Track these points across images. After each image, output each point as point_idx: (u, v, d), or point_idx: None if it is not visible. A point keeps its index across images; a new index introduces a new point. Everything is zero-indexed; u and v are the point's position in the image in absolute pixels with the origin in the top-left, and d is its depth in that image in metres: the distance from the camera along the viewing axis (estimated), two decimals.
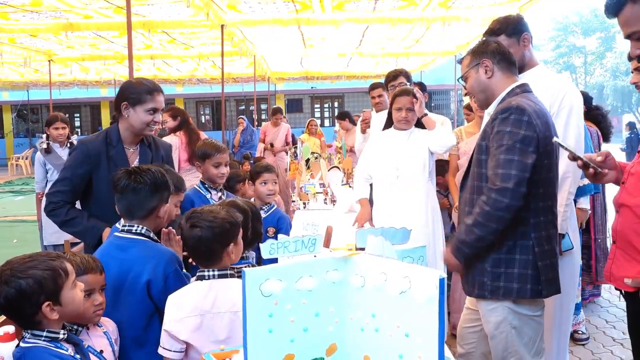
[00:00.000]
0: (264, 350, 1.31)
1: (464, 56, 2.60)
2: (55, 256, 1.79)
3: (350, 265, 1.41)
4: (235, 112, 24.76)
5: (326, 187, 5.42)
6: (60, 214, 2.76)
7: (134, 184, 2.27)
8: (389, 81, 4.69)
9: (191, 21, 7.79)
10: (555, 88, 2.76)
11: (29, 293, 1.70)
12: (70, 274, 1.80)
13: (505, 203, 2.20)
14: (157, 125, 2.86)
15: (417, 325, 1.24)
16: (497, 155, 2.25)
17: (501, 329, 2.35)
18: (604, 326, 4.54)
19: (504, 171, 2.21)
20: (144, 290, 2.20)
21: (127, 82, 2.90)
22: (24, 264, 1.73)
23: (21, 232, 8.78)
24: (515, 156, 2.21)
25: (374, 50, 11.83)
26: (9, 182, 17.05)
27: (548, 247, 2.34)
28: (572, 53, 50.38)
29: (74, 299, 1.80)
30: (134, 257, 2.24)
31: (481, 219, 2.25)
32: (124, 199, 2.30)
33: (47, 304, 1.72)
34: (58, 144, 5.29)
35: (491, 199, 2.22)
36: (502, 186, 2.20)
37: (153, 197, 2.30)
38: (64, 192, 2.77)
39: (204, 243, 2.04)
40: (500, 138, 2.25)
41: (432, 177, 3.84)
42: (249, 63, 12.53)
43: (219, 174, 3.39)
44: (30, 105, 24.33)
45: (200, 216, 2.07)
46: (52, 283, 1.72)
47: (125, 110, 2.78)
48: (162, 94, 2.84)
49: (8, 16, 7.52)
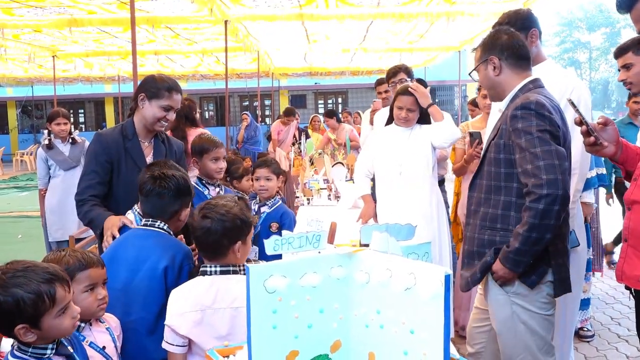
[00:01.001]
0: (268, 347, 1.31)
1: (475, 47, 2.55)
2: (50, 276, 1.63)
3: (354, 262, 1.40)
4: (239, 108, 24.75)
5: (330, 183, 5.41)
6: (80, 212, 2.79)
7: (158, 188, 2.35)
8: (390, 77, 4.67)
9: (195, 17, 7.77)
10: (563, 84, 2.73)
11: (5, 311, 1.57)
12: (59, 302, 1.63)
13: (561, 194, 2.11)
14: (168, 124, 2.89)
15: (422, 322, 1.23)
16: (532, 148, 2.16)
17: (510, 325, 2.32)
18: (609, 323, 4.53)
19: (546, 162, 2.12)
20: (162, 277, 2.23)
21: (150, 76, 2.93)
22: (14, 277, 1.60)
23: (26, 228, 8.81)
24: (552, 146, 2.15)
25: (378, 45, 11.79)
26: (13, 178, 17.10)
27: (561, 246, 2.30)
28: (577, 48, 50.21)
29: (59, 327, 1.65)
30: (154, 244, 2.30)
31: (537, 220, 2.13)
32: (148, 202, 2.39)
33: (21, 326, 1.59)
34: (60, 140, 5.29)
35: (544, 196, 2.11)
36: (550, 177, 2.11)
37: (176, 202, 2.39)
38: (92, 185, 2.79)
39: (212, 235, 2.04)
40: (529, 132, 2.18)
41: (434, 172, 3.82)
42: (252, 59, 12.51)
43: (217, 168, 3.38)
44: (35, 101, 24.35)
45: (214, 208, 2.08)
46: (32, 308, 1.58)
47: (141, 101, 2.83)
48: (180, 94, 2.88)
49: (12, 12, 7.52)
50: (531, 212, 2.15)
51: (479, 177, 2.44)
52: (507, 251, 2.22)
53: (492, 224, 2.33)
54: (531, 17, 2.87)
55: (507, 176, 2.29)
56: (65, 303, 1.66)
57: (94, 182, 2.79)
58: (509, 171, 2.29)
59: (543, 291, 2.30)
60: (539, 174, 2.13)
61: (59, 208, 5.10)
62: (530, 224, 2.15)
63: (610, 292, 5.21)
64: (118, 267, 2.24)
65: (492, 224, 2.33)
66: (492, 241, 2.32)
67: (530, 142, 2.17)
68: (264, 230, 3.58)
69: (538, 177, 2.13)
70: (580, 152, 2.69)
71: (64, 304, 1.66)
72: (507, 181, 2.29)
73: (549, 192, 2.11)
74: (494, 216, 2.33)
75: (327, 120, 8.77)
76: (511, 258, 2.21)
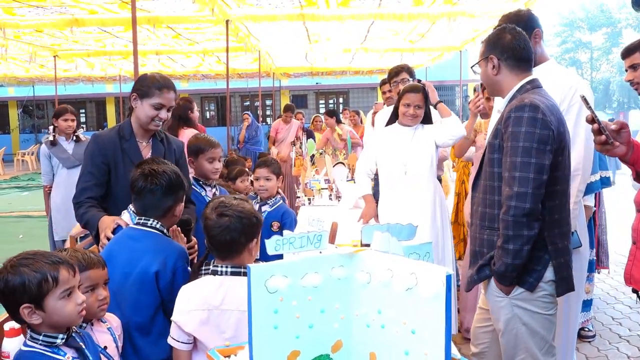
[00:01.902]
0: (269, 347, 1.30)
1: (483, 40, 2.54)
2: (56, 260, 1.72)
3: (356, 262, 1.40)
4: (240, 108, 24.77)
5: (331, 183, 5.41)
6: (77, 214, 2.77)
7: (150, 185, 2.33)
8: (392, 77, 4.67)
9: (196, 16, 7.78)
10: (566, 84, 2.72)
11: (11, 290, 1.66)
12: (63, 283, 1.70)
13: (527, 208, 2.14)
14: (163, 122, 2.85)
15: (423, 322, 1.23)
16: (513, 156, 2.19)
17: (511, 326, 2.32)
18: (610, 323, 4.53)
19: (522, 174, 2.16)
20: (153, 281, 2.23)
21: (142, 75, 2.91)
22: (24, 258, 1.70)
23: (27, 228, 8.82)
24: (532, 158, 2.15)
25: (379, 45, 11.79)
26: (15, 178, 17.12)
27: (562, 245, 2.30)
28: (578, 49, 50.16)
29: (62, 310, 1.70)
30: (146, 247, 2.28)
31: (510, 231, 2.18)
32: (140, 200, 2.37)
33: (25, 306, 1.66)
34: (64, 137, 5.26)
35: (512, 207, 2.16)
36: (520, 191, 2.15)
37: (169, 198, 2.37)
38: (88, 187, 2.76)
39: (231, 232, 2.04)
40: (516, 138, 2.19)
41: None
42: (253, 59, 12.53)
43: (213, 169, 3.33)
44: (36, 101, 24.39)
45: (230, 206, 2.07)
46: (36, 288, 1.66)
47: (134, 101, 2.81)
48: (172, 92, 2.82)
49: (13, 11, 7.53)
50: (503, 223, 2.20)
51: (480, 178, 2.46)
52: (494, 270, 2.26)
53: (490, 224, 2.34)
54: (532, 18, 2.86)
55: (501, 176, 2.29)
56: (69, 286, 1.72)
57: (90, 183, 2.76)
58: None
59: (544, 290, 2.30)
60: (512, 185, 2.17)
61: (64, 206, 5.04)
62: (505, 236, 2.19)
63: (612, 292, 5.20)
64: (112, 269, 2.22)
65: (490, 223, 2.34)
66: (490, 241, 2.33)
67: (514, 150, 2.19)
68: (265, 230, 3.57)
69: (510, 188, 2.18)
70: (582, 154, 2.68)
71: (67, 286, 1.71)
72: (501, 181, 2.29)
73: (517, 205, 2.15)
74: (491, 216, 2.33)
75: (327, 119, 8.77)
76: (499, 274, 2.25)
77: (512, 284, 2.27)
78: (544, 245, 2.25)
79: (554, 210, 2.27)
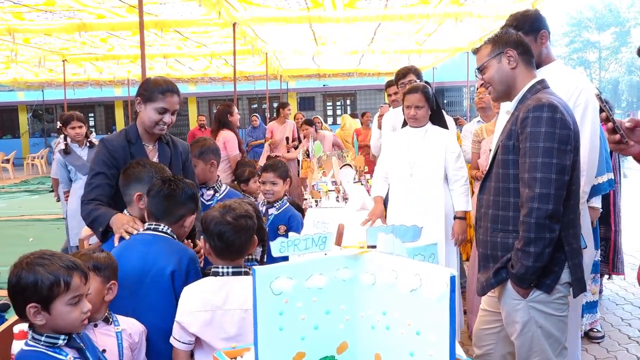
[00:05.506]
0: (274, 348, 1.31)
1: (480, 46, 2.48)
2: (72, 265, 1.74)
3: (360, 263, 1.41)
4: (248, 110, 24.81)
5: (338, 185, 5.41)
6: (83, 210, 2.74)
7: (167, 190, 2.36)
8: (399, 79, 4.67)
9: (203, 20, 7.81)
10: (572, 85, 2.69)
11: (23, 287, 1.68)
12: (74, 290, 1.72)
13: (551, 209, 2.11)
14: (167, 126, 2.84)
15: (428, 323, 1.23)
16: (534, 157, 2.15)
17: (527, 329, 2.29)
18: (619, 324, 4.50)
19: (544, 175, 2.12)
20: (169, 281, 2.24)
21: (146, 79, 2.91)
22: (41, 258, 1.72)
23: (37, 231, 8.87)
24: (554, 159, 2.12)
25: (386, 47, 11.79)
26: (25, 182, 17.22)
27: (576, 245, 2.28)
28: (587, 48, 49.91)
29: (68, 315, 1.72)
30: (159, 250, 2.29)
31: (532, 234, 2.14)
32: (155, 202, 2.38)
33: (32, 305, 1.68)
34: (77, 144, 5.25)
35: (534, 209, 2.12)
36: (542, 192, 2.11)
37: (183, 206, 2.40)
38: (100, 185, 2.73)
39: (247, 232, 2.10)
40: (535, 139, 2.15)
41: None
42: (260, 61, 12.55)
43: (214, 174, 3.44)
44: (45, 105, 24.54)
45: (238, 207, 2.13)
46: (47, 290, 1.68)
47: (138, 105, 2.82)
48: (176, 96, 2.80)
49: (23, 16, 7.60)
50: (524, 225, 2.16)
51: (488, 180, 2.43)
52: (513, 273, 2.23)
53: (504, 227, 2.30)
54: (539, 18, 2.82)
55: (517, 177, 2.26)
56: (78, 293, 1.74)
57: (102, 182, 2.73)
58: (518, 172, 2.28)
59: (560, 292, 2.28)
60: (534, 186, 2.14)
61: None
62: (526, 238, 2.16)
63: (621, 293, 5.17)
64: (124, 273, 2.21)
65: (503, 226, 2.30)
66: (505, 244, 2.30)
67: (534, 150, 2.16)
68: (271, 233, 3.58)
69: (532, 189, 2.14)
70: (587, 154, 2.67)
71: (77, 293, 1.73)
72: (516, 182, 2.26)
73: (540, 206, 2.12)
74: (505, 218, 2.30)
75: (305, 129, 8.52)
76: (518, 277, 2.22)
77: (530, 287, 2.25)
78: (560, 245, 2.23)
79: (569, 210, 2.24)
